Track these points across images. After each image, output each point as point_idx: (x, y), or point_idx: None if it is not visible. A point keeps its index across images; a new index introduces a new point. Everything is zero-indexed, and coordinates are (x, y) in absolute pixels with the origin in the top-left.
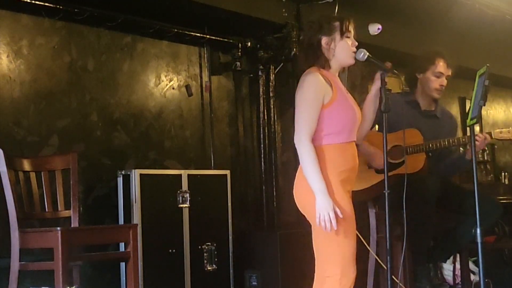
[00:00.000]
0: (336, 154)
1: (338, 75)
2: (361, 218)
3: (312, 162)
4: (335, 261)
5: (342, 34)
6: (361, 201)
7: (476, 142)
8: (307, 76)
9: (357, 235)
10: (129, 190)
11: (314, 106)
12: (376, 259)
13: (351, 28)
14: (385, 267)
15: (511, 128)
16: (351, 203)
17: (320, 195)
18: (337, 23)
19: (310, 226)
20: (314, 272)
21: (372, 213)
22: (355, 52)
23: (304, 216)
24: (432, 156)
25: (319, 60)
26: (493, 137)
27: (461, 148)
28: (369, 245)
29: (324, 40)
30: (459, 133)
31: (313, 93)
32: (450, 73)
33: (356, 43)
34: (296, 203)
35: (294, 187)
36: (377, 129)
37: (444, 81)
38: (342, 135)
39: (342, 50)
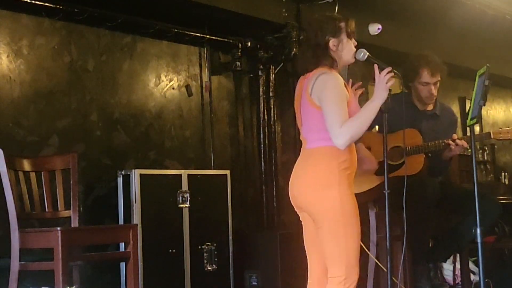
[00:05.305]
0: (346, 155)
1: None
2: (361, 218)
3: (357, 118)
4: (340, 262)
5: (348, 35)
6: (361, 203)
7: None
8: (329, 75)
9: None
10: (129, 190)
11: (344, 103)
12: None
13: (354, 29)
14: (384, 270)
15: (511, 127)
16: (357, 205)
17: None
18: (342, 24)
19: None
20: None
21: (372, 214)
22: (355, 52)
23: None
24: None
25: (327, 60)
26: (492, 137)
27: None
28: (368, 246)
29: (332, 42)
30: (459, 133)
31: (341, 90)
32: (438, 79)
33: (356, 43)
34: (303, 202)
35: (299, 186)
36: (377, 129)
37: (432, 89)
38: None
39: (348, 52)
